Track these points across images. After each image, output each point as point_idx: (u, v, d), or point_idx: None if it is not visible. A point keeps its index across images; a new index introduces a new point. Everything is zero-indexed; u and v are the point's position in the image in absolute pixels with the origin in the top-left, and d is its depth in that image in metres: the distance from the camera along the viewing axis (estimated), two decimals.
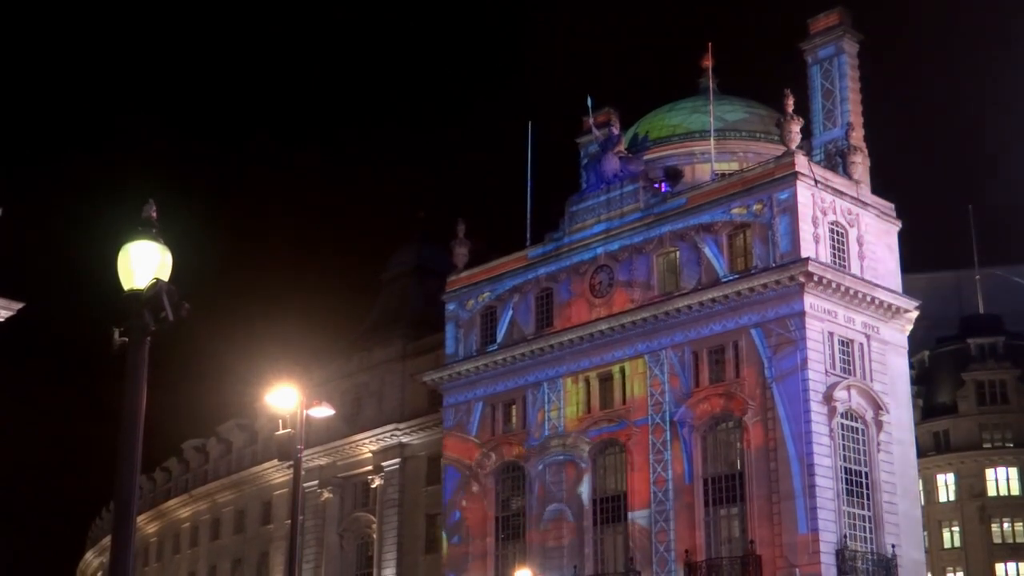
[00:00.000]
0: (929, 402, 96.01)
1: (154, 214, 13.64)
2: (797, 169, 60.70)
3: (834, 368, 59.83)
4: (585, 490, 66.15)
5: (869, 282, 62.03)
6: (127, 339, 13.19)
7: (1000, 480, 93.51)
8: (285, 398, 30.14)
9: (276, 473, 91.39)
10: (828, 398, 58.61)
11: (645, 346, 64.80)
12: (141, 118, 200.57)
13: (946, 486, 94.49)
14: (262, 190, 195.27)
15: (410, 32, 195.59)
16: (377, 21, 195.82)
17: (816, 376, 58.57)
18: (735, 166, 69.57)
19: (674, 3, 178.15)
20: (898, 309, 63.46)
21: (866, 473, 59.82)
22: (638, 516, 63.27)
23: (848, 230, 62.71)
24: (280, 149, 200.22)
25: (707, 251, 63.17)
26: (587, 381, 67.46)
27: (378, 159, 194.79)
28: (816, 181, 61.48)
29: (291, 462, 30.31)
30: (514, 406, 71.28)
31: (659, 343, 64.15)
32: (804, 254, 59.25)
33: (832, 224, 61.98)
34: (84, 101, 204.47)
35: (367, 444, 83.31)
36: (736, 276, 61.50)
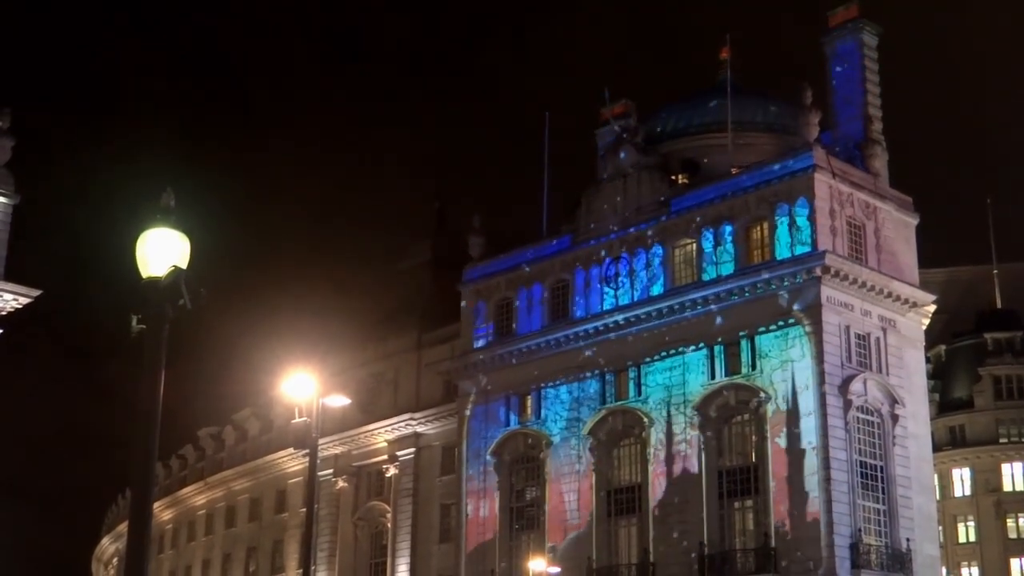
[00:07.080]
0: (945, 396, 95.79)
1: (172, 202, 13.69)
2: (815, 162, 60.54)
3: (850, 361, 59.69)
4: (602, 481, 66.18)
5: (886, 275, 61.87)
6: (145, 326, 13.24)
7: (1016, 475, 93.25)
8: (301, 387, 30.19)
9: (291, 461, 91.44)
10: (844, 391, 58.48)
11: (661, 337, 64.69)
12: (158, 106, 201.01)
13: (962, 481, 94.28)
14: (279, 180, 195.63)
15: (428, 23, 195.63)
16: (395, 12, 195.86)
17: (832, 369, 58.44)
18: (752, 158, 69.40)
19: None
20: (915, 303, 63.29)
21: (881, 467, 59.68)
22: (653, 507, 63.24)
23: (866, 223, 62.53)
24: (297, 138, 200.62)
25: (724, 243, 63.05)
26: (602, 372, 67.40)
27: (394, 149, 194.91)
28: (834, 174, 61.31)
29: (307, 451, 30.38)
30: (529, 396, 71.28)
31: (675, 334, 64.06)
32: (821, 247, 59.10)
33: (850, 217, 61.79)
34: (101, 89, 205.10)
35: (382, 433, 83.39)
36: (753, 268, 61.38)
